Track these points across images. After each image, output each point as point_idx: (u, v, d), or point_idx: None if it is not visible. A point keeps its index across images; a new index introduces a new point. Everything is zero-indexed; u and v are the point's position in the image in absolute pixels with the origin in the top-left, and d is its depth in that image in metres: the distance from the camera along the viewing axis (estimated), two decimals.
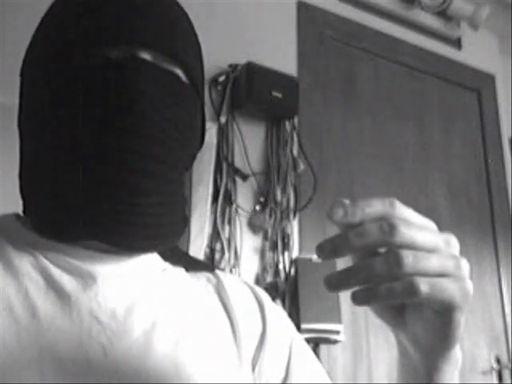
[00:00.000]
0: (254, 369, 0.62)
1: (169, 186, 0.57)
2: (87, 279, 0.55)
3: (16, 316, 0.51)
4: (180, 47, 0.59)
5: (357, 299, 0.39)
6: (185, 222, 0.63)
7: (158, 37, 0.57)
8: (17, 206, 0.61)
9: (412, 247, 0.39)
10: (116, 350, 0.52)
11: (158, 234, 0.57)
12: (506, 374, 2.15)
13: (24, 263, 0.54)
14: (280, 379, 0.63)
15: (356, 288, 0.40)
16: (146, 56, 0.56)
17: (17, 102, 0.62)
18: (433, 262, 0.39)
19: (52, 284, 0.54)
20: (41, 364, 0.49)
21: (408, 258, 0.38)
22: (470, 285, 0.41)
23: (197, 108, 0.61)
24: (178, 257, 0.66)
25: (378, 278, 0.38)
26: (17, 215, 0.61)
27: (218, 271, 0.68)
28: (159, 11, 0.58)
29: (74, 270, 0.55)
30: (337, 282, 0.39)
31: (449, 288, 0.39)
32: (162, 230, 0.57)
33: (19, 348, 0.49)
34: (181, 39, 0.59)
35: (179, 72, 0.58)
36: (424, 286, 0.38)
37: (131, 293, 0.56)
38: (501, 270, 2.31)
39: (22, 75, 0.62)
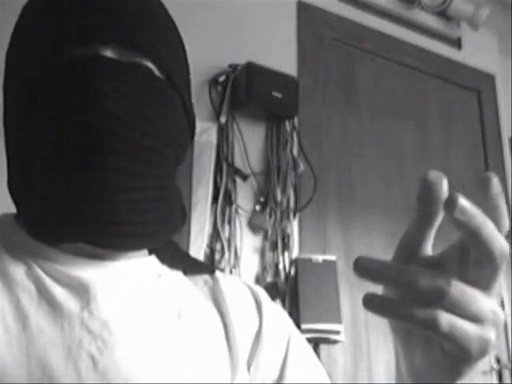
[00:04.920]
0: (249, 369, 0.61)
1: (151, 182, 0.56)
2: (79, 289, 0.54)
3: (7, 325, 0.51)
4: (148, 40, 0.57)
5: (370, 304, 0.37)
6: (182, 215, 0.62)
7: (121, 31, 0.55)
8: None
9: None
10: (106, 360, 0.51)
11: (143, 232, 0.56)
12: (506, 374, 2.14)
13: (18, 272, 0.54)
14: (274, 379, 0.62)
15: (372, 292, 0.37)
16: (108, 53, 0.55)
17: None
18: (474, 306, 0.36)
19: (45, 294, 0.53)
20: (30, 375, 0.49)
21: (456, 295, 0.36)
22: (492, 337, 0.38)
23: (175, 101, 0.59)
24: (178, 258, 0.65)
25: (415, 291, 0.36)
26: (16, 216, 0.60)
27: (217, 272, 0.67)
28: (125, 6, 0.57)
29: (66, 279, 0.54)
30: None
31: (469, 336, 0.36)
32: (148, 227, 0.56)
33: (9, 357, 0.49)
34: (150, 32, 0.58)
35: (150, 65, 0.57)
36: (446, 324, 0.35)
37: (124, 302, 0.56)
38: None
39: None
